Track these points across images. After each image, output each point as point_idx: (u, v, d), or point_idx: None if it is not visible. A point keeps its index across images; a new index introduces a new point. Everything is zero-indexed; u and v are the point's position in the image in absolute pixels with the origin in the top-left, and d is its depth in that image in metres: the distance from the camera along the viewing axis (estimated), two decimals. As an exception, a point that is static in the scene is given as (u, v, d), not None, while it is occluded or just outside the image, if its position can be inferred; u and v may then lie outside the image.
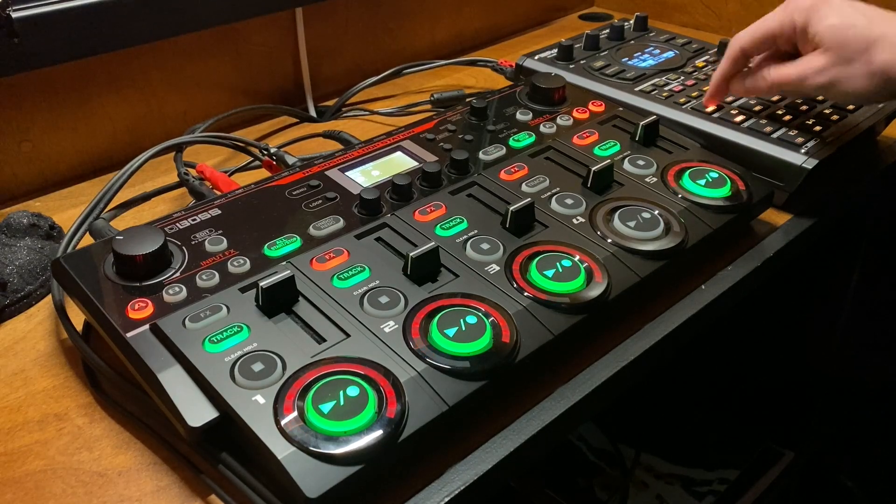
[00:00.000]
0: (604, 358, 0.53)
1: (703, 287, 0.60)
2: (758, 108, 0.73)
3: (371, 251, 0.54)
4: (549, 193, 0.61)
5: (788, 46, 0.64)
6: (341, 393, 0.43)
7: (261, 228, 0.55)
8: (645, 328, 0.56)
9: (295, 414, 0.42)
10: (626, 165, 0.65)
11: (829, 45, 0.60)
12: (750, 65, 0.68)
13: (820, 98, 0.75)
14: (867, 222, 0.97)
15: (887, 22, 0.59)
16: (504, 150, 0.65)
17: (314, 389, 0.43)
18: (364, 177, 0.62)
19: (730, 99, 0.74)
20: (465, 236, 0.56)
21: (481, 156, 0.65)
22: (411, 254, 0.51)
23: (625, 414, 1.13)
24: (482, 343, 0.47)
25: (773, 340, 1.10)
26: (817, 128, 0.69)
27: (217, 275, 0.50)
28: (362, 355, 0.46)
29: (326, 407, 0.42)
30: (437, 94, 0.88)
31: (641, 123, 0.68)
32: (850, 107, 0.73)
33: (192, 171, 0.69)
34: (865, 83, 0.59)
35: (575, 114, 0.71)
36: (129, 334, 0.46)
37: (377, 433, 0.41)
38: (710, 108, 0.72)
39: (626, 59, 0.84)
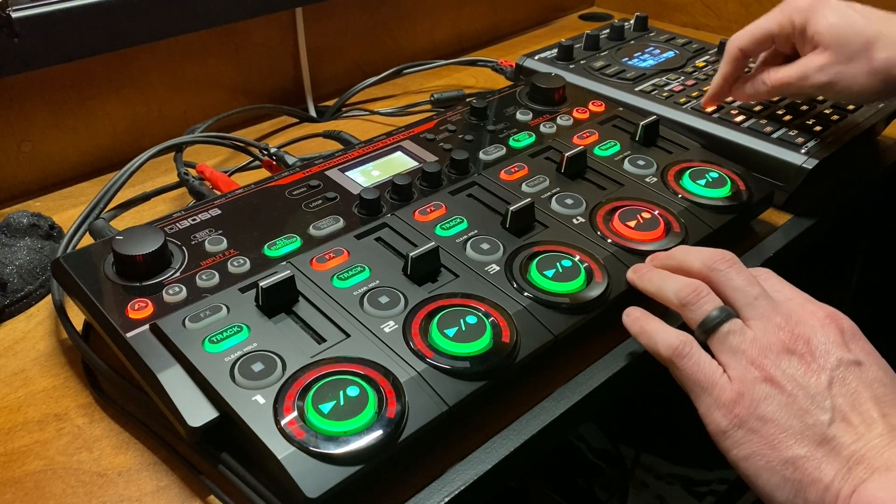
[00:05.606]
0: (604, 358, 0.53)
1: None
2: (758, 108, 0.72)
3: (371, 251, 0.54)
4: (549, 193, 0.61)
5: (787, 47, 0.65)
6: (341, 393, 0.43)
7: (261, 228, 0.55)
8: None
9: (295, 414, 0.42)
10: (626, 165, 0.65)
11: (828, 43, 0.60)
12: (751, 65, 0.68)
13: (820, 98, 0.75)
14: (867, 222, 0.97)
15: (886, 21, 0.59)
16: (504, 150, 0.65)
17: (314, 389, 0.43)
18: (364, 177, 0.62)
19: (730, 99, 0.74)
20: (465, 236, 0.55)
21: (481, 156, 0.65)
22: (411, 254, 0.51)
23: (625, 414, 1.13)
24: (482, 343, 0.47)
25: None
26: (817, 128, 0.69)
27: (217, 275, 0.50)
28: (362, 355, 0.46)
29: (326, 407, 0.42)
30: (437, 94, 0.88)
31: (641, 123, 0.68)
32: (850, 107, 0.73)
33: (192, 171, 0.69)
34: (866, 81, 0.59)
35: (575, 114, 0.71)
36: (129, 334, 0.46)
37: (377, 433, 0.41)
38: (710, 109, 0.72)
39: (626, 59, 0.84)
